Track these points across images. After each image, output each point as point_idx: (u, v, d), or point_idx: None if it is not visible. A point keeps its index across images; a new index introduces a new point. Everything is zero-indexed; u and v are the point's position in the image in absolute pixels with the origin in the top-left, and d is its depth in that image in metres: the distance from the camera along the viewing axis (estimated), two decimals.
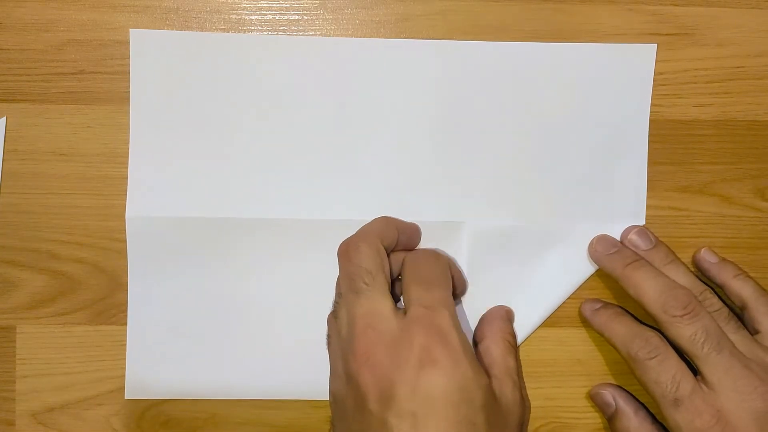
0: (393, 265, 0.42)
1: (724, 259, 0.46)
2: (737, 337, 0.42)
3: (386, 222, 0.44)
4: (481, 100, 0.45)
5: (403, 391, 0.37)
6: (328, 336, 0.43)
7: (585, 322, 0.46)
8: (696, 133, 0.46)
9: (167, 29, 0.45)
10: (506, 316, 0.45)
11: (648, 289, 0.43)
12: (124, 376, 0.45)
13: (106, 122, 0.45)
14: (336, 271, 0.44)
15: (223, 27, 0.45)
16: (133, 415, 0.45)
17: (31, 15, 0.44)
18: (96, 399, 0.45)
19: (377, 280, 0.40)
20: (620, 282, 0.44)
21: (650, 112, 0.46)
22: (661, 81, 0.46)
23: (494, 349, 0.43)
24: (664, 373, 0.41)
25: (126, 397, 0.45)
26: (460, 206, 0.46)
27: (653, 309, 0.42)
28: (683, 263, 0.45)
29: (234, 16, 0.45)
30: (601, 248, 0.45)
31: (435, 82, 0.45)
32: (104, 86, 0.45)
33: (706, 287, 0.44)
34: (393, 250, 0.43)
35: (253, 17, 0.45)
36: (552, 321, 0.46)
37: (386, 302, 0.40)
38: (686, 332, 0.41)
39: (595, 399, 0.46)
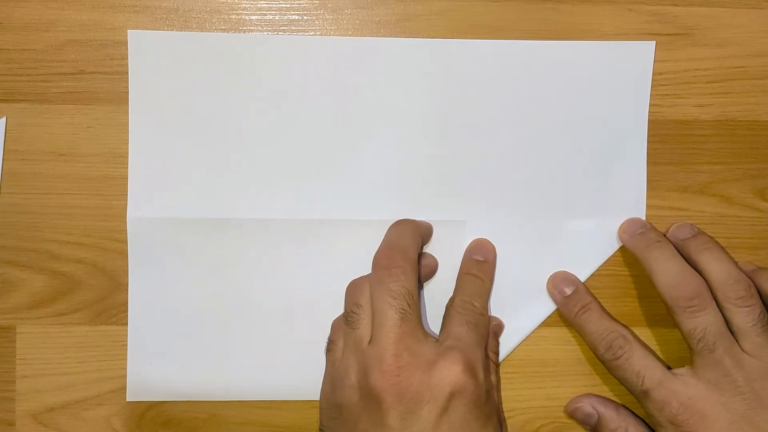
0: None
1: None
2: (762, 339, 0.42)
3: (416, 233, 0.44)
4: (481, 99, 0.45)
5: (427, 413, 0.39)
6: (332, 342, 0.43)
7: None
8: (696, 133, 0.46)
9: (167, 29, 0.45)
10: (492, 330, 0.45)
11: (660, 272, 0.43)
12: (124, 376, 0.45)
13: (106, 122, 0.45)
14: (337, 271, 0.44)
15: (223, 27, 0.45)
16: (133, 416, 0.45)
17: (31, 15, 0.44)
18: (96, 399, 0.45)
19: (416, 303, 0.41)
20: (641, 263, 0.44)
21: (650, 112, 0.46)
22: (661, 81, 0.46)
23: None
24: (629, 371, 0.43)
25: (128, 399, 0.45)
26: (461, 206, 0.46)
27: (662, 293, 0.43)
28: (671, 248, 0.44)
29: (234, 16, 0.45)
30: (629, 229, 0.45)
31: (434, 82, 0.45)
32: (104, 86, 0.45)
33: (747, 281, 0.43)
34: None
35: (253, 17, 0.45)
36: (553, 321, 0.46)
37: (421, 326, 0.42)
38: (687, 325, 0.42)
39: (575, 414, 0.46)
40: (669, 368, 0.43)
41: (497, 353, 0.45)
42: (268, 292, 0.45)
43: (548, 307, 0.46)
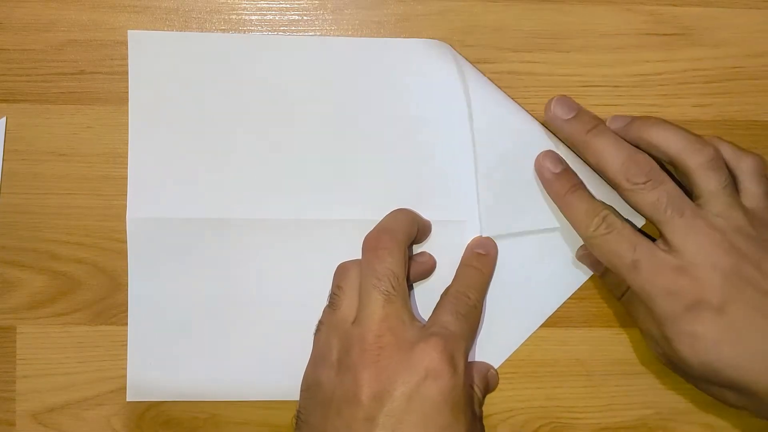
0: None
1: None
2: (732, 200, 0.42)
3: (411, 220, 0.44)
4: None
5: (400, 393, 0.39)
6: (320, 323, 0.44)
7: (586, 322, 0.46)
8: (695, 133, 0.46)
9: (167, 29, 0.45)
10: (485, 376, 0.46)
11: (609, 157, 0.42)
12: (124, 376, 0.45)
13: (106, 122, 0.45)
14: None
15: (223, 27, 0.45)
16: (133, 415, 0.45)
17: (31, 15, 0.44)
18: (96, 399, 0.45)
19: (402, 285, 0.41)
20: (580, 149, 0.44)
21: (650, 112, 0.46)
22: (659, 81, 0.46)
23: None
24: (621, 243, 0.42)
25: (128, 400, 0.45)
26: (461, 205, 0.46)
27: (616, 178, 0.42)
28: (611, 131, 0.44)
29: (234, 16, 0.45)
30: (560, 112, 0.44)
31: (435, 82, 0.45)
32: (104, 86, 0.45)
33: (712, 145, 0.42)
34: None
35: (253, 17, 0.45)
36: (552, 321, 0.46)
37: (407, 309, 0.41)
38: (649, 198, 0.41)
39: (584, 260, 0.45)
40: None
41: (483, 393, 0.45)
42: (268, 292, 0.45)
43: (547, 308, 0.46)
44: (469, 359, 0.44)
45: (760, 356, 0.39)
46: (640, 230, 0.43)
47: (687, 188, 0.43)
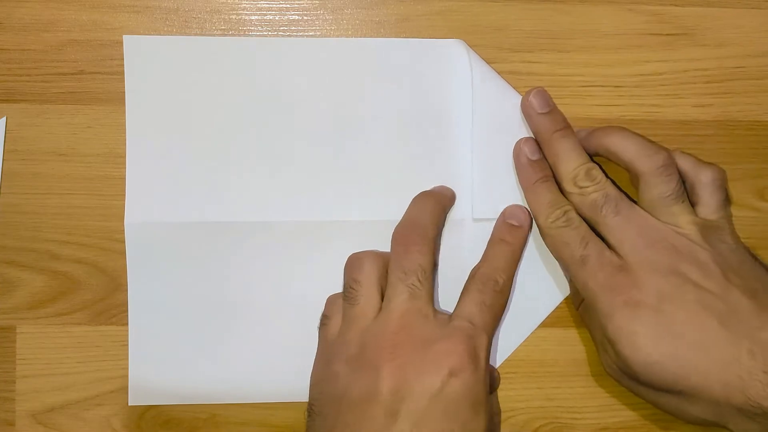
0: None
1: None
2: (678, 208, 0.43)
3: (440, 209, 0.44)
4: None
5: (423, 390, 0.39)
6: (326, 317, 0.44)
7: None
8: (696, 134, 0.46)
9: (167, 30, 0.45)
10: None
11: (565, 160, 0.43)
12: (124, 376, 0.45)
13: (106, 122, 0.45)
14: (336, 272, 0.44)
15: (223, 27, 0.45)
16: (133, 416, 0.45)
17: (31, 15, 0.44)
18: (96, 399, 0.45)
19: (429, 280, 0.42)
20: (542, 144, 0.44)
21: (650, 112, 0.46)
22: (660, 81, 0.46)
23: None
24: (575, 237, 0.42)
25: (130, 404, 0.45)
26: (461, 204, 0.46)
27: (565, 180, 0.43)
28: (575, 138, 0.44)
29: (234, 17, 0.45)
30: (536, 104, 0.44)
31: (437, 82, 0.45)
32: (104, 86, 0.45)
33: (666, 152, 0.43)
34: None
35: (253, 17, 0.45)
36: (552, 321, 0.46)
37: (430, 305, 0.42)
38: (588, 199, 0.43)
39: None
40: None
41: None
42: (267, 294, 0.45)
43: (548, 307, 0.46)
44: None
45: (703, 351, 0.39)
46: (596, 232, 0.43)
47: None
